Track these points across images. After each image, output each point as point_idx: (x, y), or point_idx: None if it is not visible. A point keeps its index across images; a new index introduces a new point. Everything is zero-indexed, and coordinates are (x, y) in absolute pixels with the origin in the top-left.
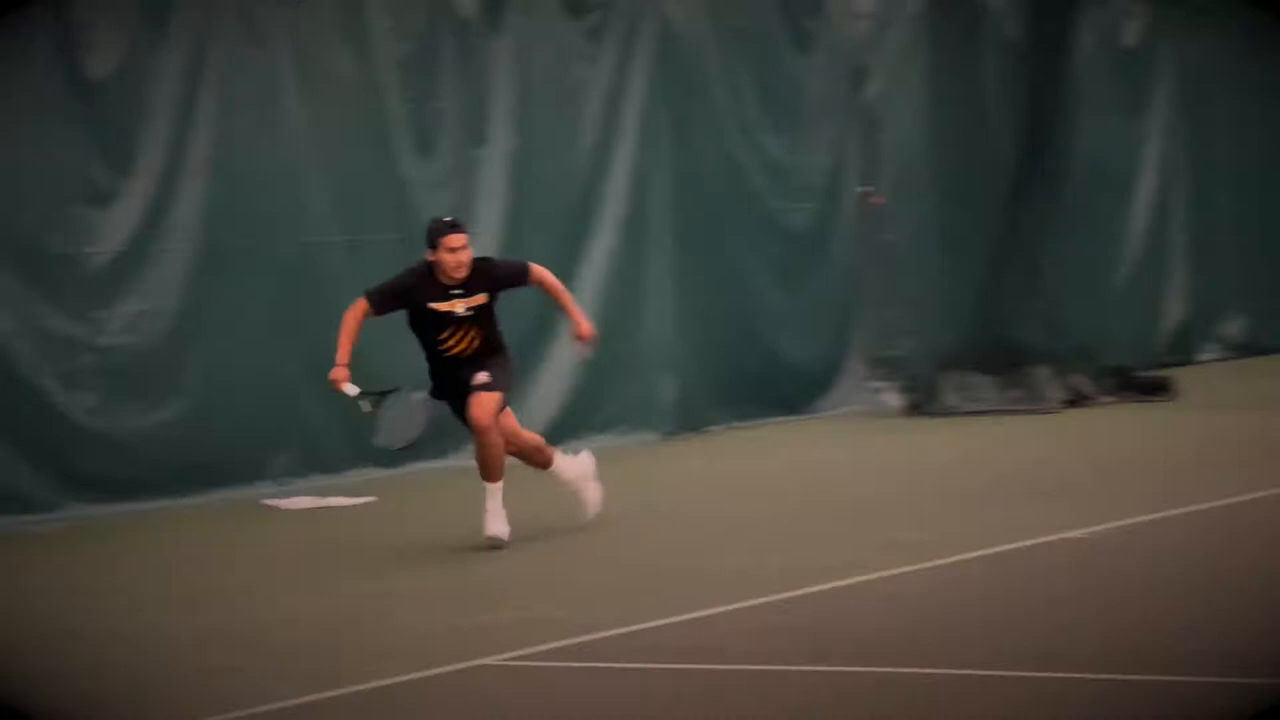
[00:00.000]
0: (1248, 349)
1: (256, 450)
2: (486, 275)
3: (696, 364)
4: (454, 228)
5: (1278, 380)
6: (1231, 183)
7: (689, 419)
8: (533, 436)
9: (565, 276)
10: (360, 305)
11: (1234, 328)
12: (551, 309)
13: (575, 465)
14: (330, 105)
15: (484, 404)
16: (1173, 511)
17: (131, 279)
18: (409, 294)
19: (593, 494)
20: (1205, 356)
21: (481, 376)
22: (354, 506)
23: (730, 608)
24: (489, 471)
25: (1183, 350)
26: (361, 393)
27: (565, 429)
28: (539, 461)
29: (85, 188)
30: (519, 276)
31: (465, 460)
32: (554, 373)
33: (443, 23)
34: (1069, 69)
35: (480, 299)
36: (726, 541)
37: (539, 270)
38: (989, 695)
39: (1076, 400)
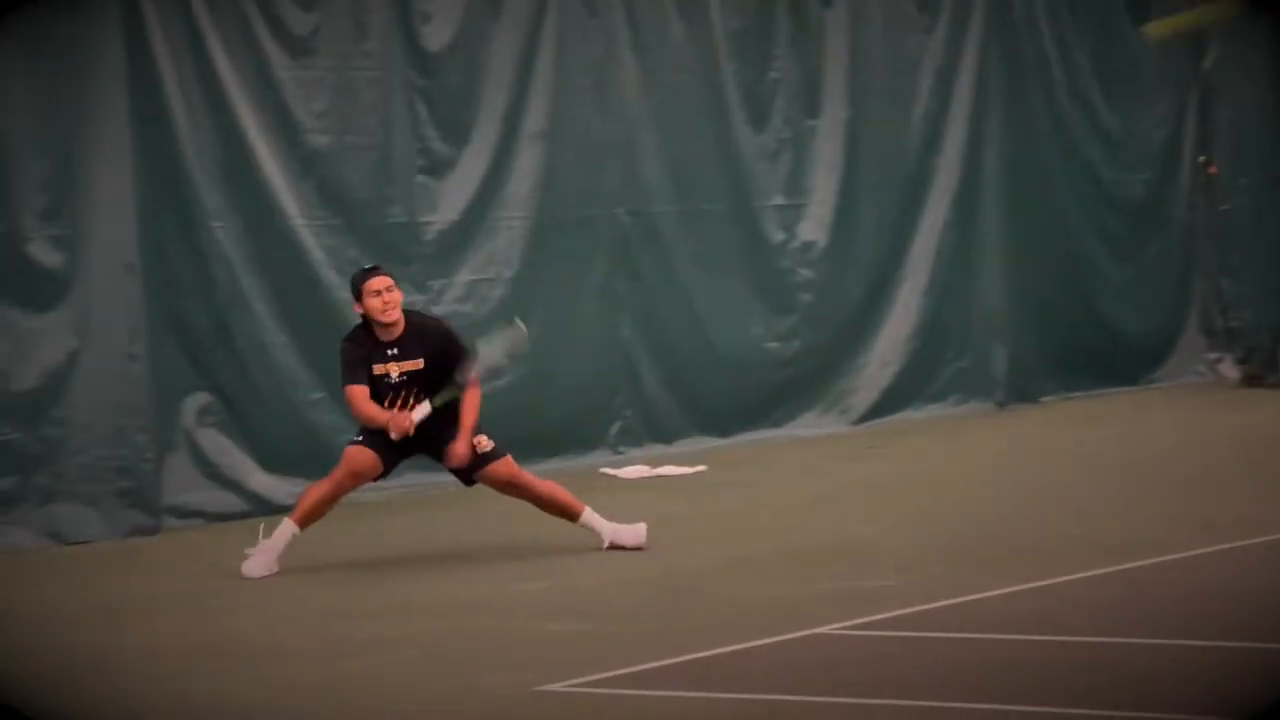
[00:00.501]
0: None
1: (593, 419)
2: (422, 336)
3: (1030, 334)
4: (374, 271)
5: None
6: None
7: (1022, 389)
8: (551, 486)
9: (898, 246)
10: (358, 390)
11: None
12: (890, 271)
13: (614, 528)
14: (664, 75)
15: (500, 475)
16: None
17: (468, 248)
18: (363, 359)
19: (629, 539)
20: None
21: (482, 444)
22: (686, 475)
23: (1065, 579)
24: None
25: None
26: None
27: (899, 398)
28: (568, 513)
29: (423, 158)
30: (454, 356)
31: (796, 430)
32: (887, 343)
33: None
34: None
35: (415, 364)
36: (1059, 512)
37: (474, 387)
38: None
39: None
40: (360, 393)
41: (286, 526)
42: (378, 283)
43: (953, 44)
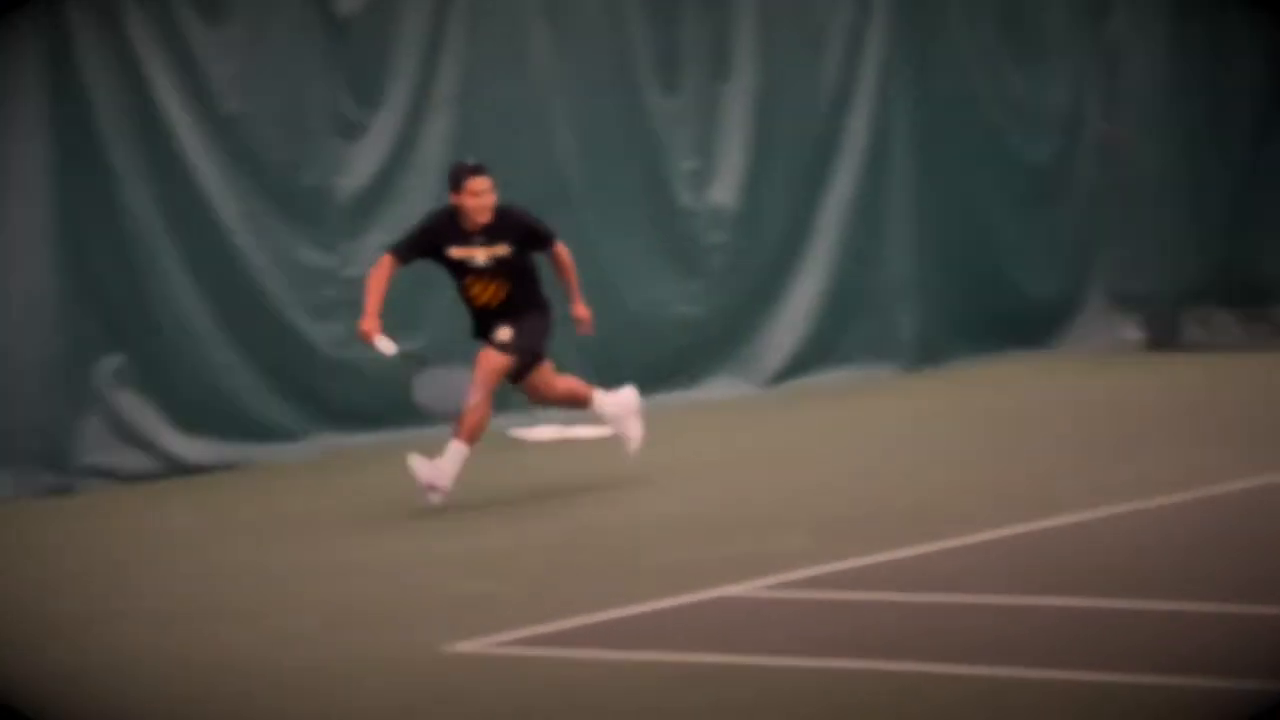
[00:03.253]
0: None
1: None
2: (509, 226)
3: (937, 297)
4: (478, 171)
5: None
6: None
7: (929, 352)
8: (568, 381)
9: (808, 210)
10: (385, 261)
11: None
12: (800, 235)
13: (617, 401)
14: (575, 39)
15: (487, 363)
16: None
17: (379, 212)
18: (430, 240)
19: (634, 430)
20: None
21: (503, 334)
22: (595, 437)
23: (972, 540)
24: (462, 430)
25: None
26: (399, 351)
27: (806, 360)
28: (579, 403)
29: (335, 121)
30: (540, 240)
31: (706, 393)
32: (795, 306)
33: None
34: None
35: (502, 249)
36: (966, 474)
37: (561, 248)
38: (1220, 626)
39: None
40: (385, 264)
41: (456, 449)
42: (479, 184)
43: (862, 6)
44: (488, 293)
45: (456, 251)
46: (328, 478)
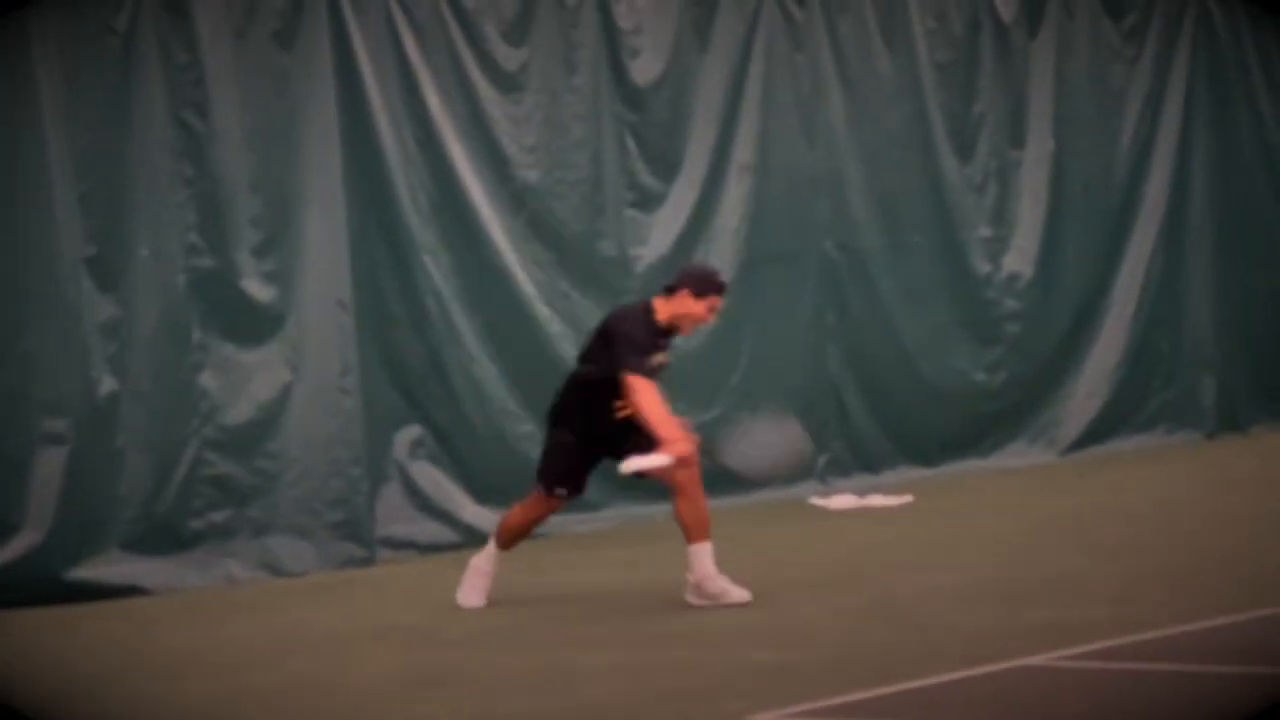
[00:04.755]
0: None
1: None
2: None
3: (1239, 363)
4: (724, 288)
5: None
6: None
7: (1231, 419)
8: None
9: (1104, 276)
10: (645, 385)
11: None
12: (1097, 301)
13: None
14: (870, 108)
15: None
16: None
17: None
18: (652, 345)
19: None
20: None
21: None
22: (893, 505)
23: (1261, 614)
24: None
25: None
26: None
27: (1106, 428)
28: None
29: (633, 192)
30: None
31: (1003, 460)
32: (1093, 372)
33: (983, 25)
34: None
35: (666, 358)
36: (1273, 541)
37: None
38: None
39: None
40: (648, 386)
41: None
42: (720, 301)
43: (1159, 71)
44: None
45: (656, 359)
46: (631, 548)
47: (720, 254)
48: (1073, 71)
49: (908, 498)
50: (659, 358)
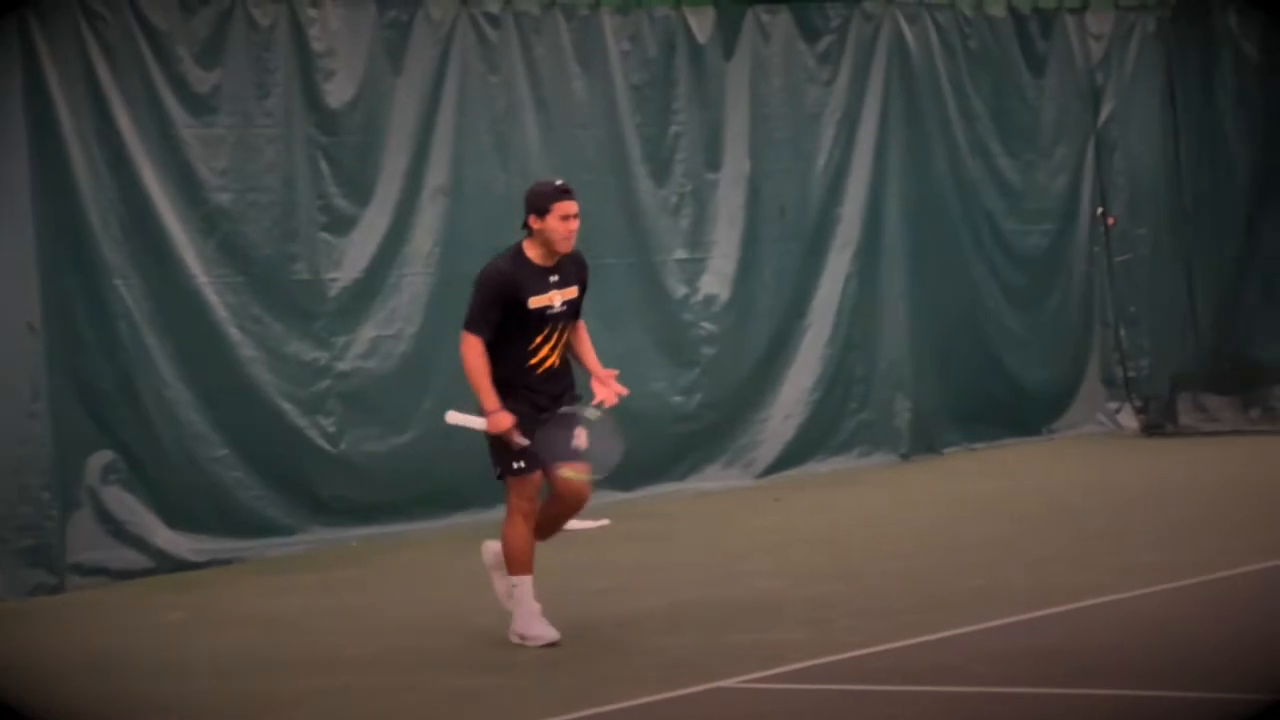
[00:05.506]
0: None
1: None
2: (577, 265)
3: (933, 385)
4: (568, 192)
5: None
6: None
7: (925, 440)
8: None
9: (801, 298)
10: (475, 343)
11: None
12: (793, 324)
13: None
14: (565, 130)
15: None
16: None
17: (372, 305)
18: (508, 292)
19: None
20: None
21: (580, 440)
22: (590, 529)
23: (971, 629)
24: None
25: None
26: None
27: (802, 450)
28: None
29: (326, 215)
30: (584, 287)
31: (699, 483)
32: (790, 395)
33: (678, 47)
34: None
35: (573, 291)
36: (964, 562)
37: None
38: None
39: None
40: (480, 347)
41: (525, 584)
42: (569, 206)
43: (854, 95)
44: (555, 352)
45: (536, 300)
46: (325, 571)
47: (414, 277)
48: (768, 93)
49: (604, 521)
50: (553, 295)
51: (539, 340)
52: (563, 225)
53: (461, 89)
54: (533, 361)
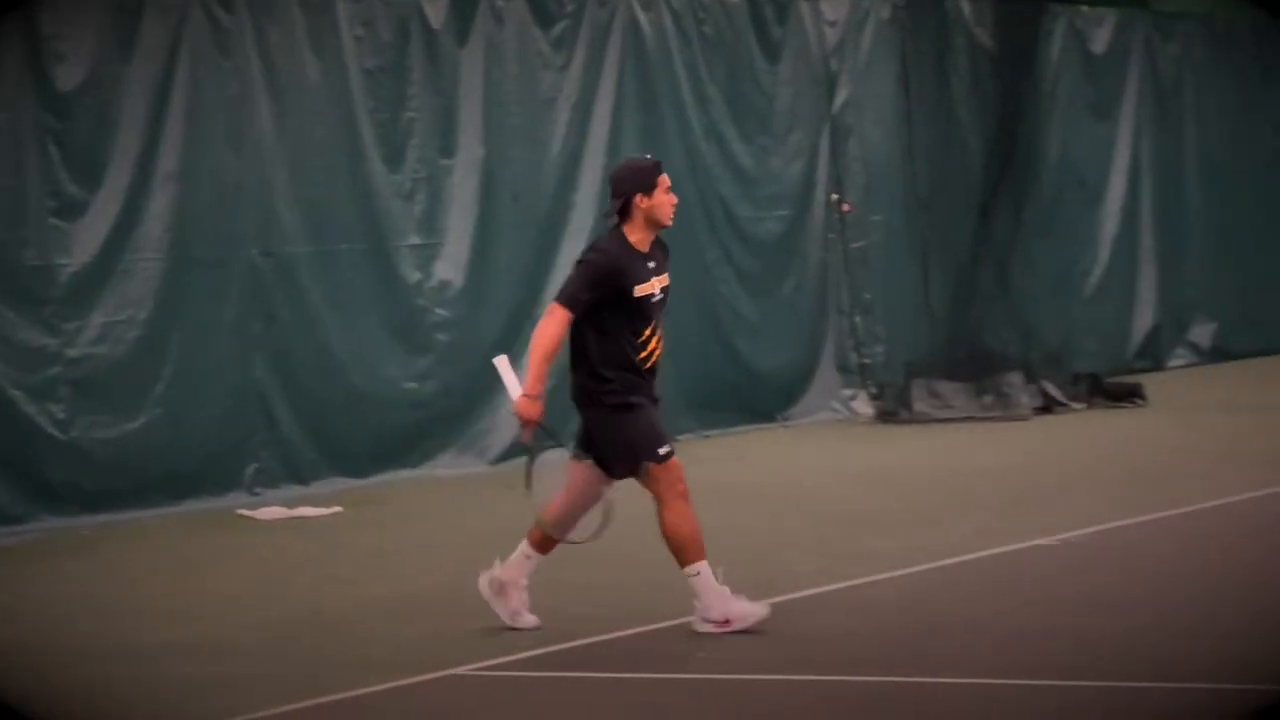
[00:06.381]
0: (1217, 355)
1: (228, 460)
2: (664, 249)
3: (666, 372)
4: (660, 165)
5: (1245, 386)
6: (1200, 188)
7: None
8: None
9: (535, 285)
10: (560, 316)
11: (1203, 333)
12: (527, 310)
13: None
14: (299, 115)
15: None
16: (1144, 517)
17: (101, 290)
18: (615, 276)
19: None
20: (1175, 362)
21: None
22: (323, 516)
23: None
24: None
25: (1153, 356)
26: (547, 435)
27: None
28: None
29: (55, 200)
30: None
31: (433, 470)
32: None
33: (412, 33)
34: (1039, 76)
35: (666, 278)
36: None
37: None
38: (961, 702)
39: (1048, 407)
40: (562, 324)
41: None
42: (666, 179)
43: (588, 81)
44: (660, 345)
45: (641, 289)
46: (52, 559)
47: (145, 263)
48: (502, 79)
49: (337, 508)
50: (654, 283)
51: (647, 333)
52: (669, 198)
53: (193, 73)
54: (643, 355)
